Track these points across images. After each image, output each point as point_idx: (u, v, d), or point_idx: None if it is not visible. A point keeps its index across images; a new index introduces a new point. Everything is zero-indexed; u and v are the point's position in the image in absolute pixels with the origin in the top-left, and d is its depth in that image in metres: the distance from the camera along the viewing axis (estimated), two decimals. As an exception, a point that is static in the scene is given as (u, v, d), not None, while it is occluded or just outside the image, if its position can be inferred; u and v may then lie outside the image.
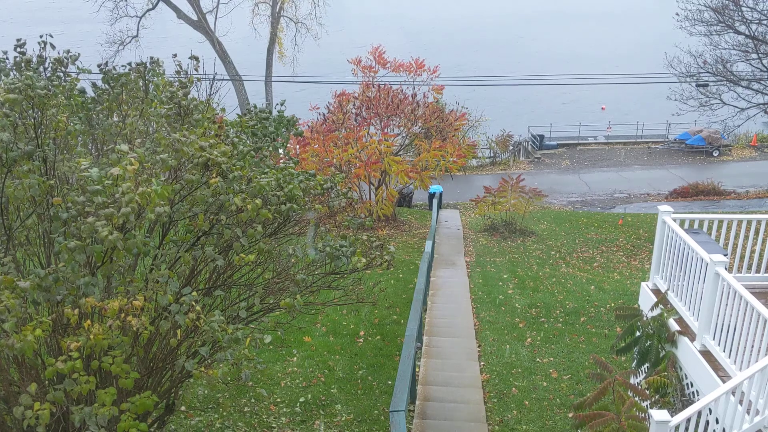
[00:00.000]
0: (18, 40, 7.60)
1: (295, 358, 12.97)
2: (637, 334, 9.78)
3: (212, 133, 7.58)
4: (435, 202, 27.50)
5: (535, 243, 23.95)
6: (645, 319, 9.81)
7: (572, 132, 47.03)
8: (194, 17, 41.10)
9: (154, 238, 7.07)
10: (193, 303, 5.89)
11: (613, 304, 16.48)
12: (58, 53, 7.77)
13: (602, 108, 55.90)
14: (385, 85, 27.12)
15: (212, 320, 5.79)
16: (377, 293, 12.99)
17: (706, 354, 8.48)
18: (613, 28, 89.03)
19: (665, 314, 9.56)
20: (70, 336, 5.51)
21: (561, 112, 51.88)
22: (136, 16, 40.24)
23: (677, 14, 28.37)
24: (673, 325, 9.33)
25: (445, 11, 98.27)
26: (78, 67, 7.90)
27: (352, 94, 27.22)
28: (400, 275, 18.84)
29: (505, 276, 19.33)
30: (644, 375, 9.64)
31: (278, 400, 11.39)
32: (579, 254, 22.87)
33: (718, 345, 8.28)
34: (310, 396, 11.55)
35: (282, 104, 10.65)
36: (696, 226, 10.69)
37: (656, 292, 10.32)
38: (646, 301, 10.42)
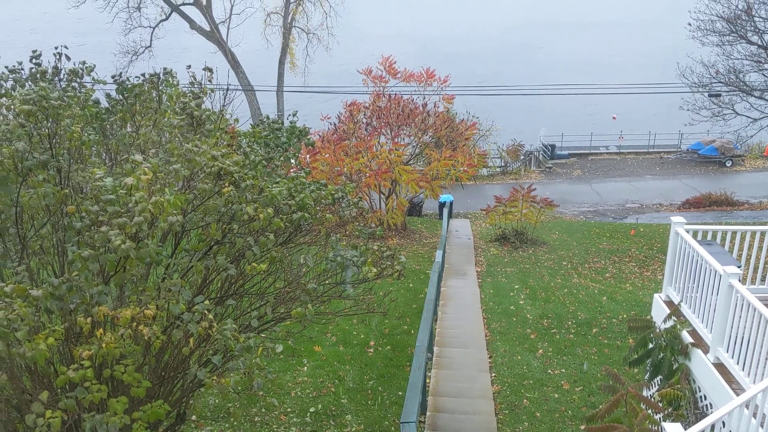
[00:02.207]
0: (33, 51, 7.68)
1: (306, 368, 12.97)
2: (650, 346, 9.71)
3: (225, 143, 7.63)
4: (445, 211, 27.46)
5: (546, 253, 23.85)
6: (658, 330, 9.74)
7: (584, 142, 46.91)
8: (207, 28, 41.44)
9: (167, 247, 7.10)
10: (206, 312, 5.91)
11: (625, 316, 16.38)
12: (74, 64, 7.85)
13: (613, 117, 55.74)
14: (395, 95, 27.20)
15: (224, 329, 5.81)
16: (388, 303, 12.98)
17: (720, 366, 8.41)
18: (624, 37, 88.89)
19: (678, 326, 9.49)
20: (82, 344, 5.54)
21: (574, 122, 51.75)
22: (150, 27, 40.62)
23: (689, 24, 28.28)
24: (687, 337, 9.26)
25: (454, 22, 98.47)
26: (93, 78, 7.98)
27: (363, 104, 27.30)
28: (411, 285, 18.81)
29: (516, 286, 19.26)
30: (657, 387, 9.56)
31: (288, 409, 11.39)
32: (591, 265, 22.76)
33: (732, 357, 8.21)
34: (320, 406, 11.54)
35: (294, 115, 10.70)
36: (709, 237, 10.62)
37: (669, 303, 10.25)
38: (658, 312, 10.36)
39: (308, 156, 24.12)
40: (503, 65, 73.14)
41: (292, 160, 11.37)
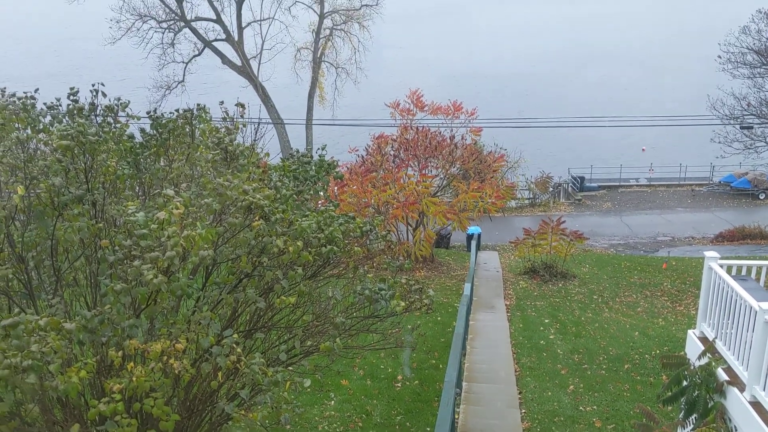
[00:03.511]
0: (71, 88, 7.90)
1: (333, 402, 12.88)
2: (684, 383, 9.48)
3: (256, 177, 7.73)
4: (473, 243, 27.33)
5: (576, 287, 23.55)
6: (692, 368, 9.51)
7: (613, 174, 46.56)
8: (238, 63, 42.30)
9: (198, 279, 7.17)
10: (234, 345, 5.93)
11: (658, 351, 16.04)
12: (110, 100, 8.06)
13: (643, 150, 55.32)
14: (423, 127, 27.33)
15: (253, 363, 5.81)
16: (416, 337, 12.89)
17: (757, 405, 8.17)
18: (653, 69, 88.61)
19: (713, 363, 9.26)
20: (113, 377, 5.58)
21: (604, 154, 51.45)
22: (183, 62, 41.57)
23: (719, 57, 28.15)
24: (722, 375, 9.03)
25: (482, 55, 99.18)
26: (128, 114, 8.17)
27: (391, 136, 27.47)
28: (439, 318, 18.68)
29: (546, 320, 19.01)
30: (692, 426, 9.30)
31: (315, 444, 11.30)
32: (622, 299, 22.40)
33: (770, 396, 7.98)
34: (347, 441, 11.43)
35: (323, 148, 10.81)
36: (743, 272, 10.42)
37: (703, 340, 10.03)
38: (693, 349, 10.13)
39: (336, 188, 24.27)
40: (531, 98, 73.27)
41: (321, 193, 11.47)
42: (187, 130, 8.06)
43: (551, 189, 43.81)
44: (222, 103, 8.68)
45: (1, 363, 4.70)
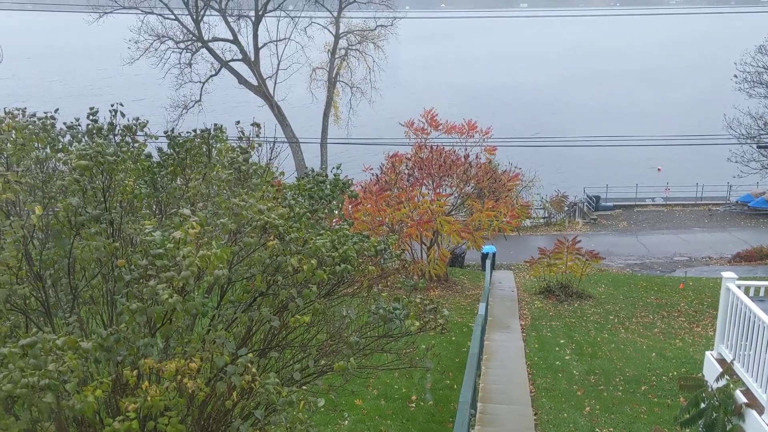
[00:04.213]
0: (91, 108, 8.02)
1: (347, 422, 12.82)
2: (702, 405, 9.36)
3: (270, 195, 7.77)
4: (488, 262, 27.19)
5: (592, 307, 23.35)
6: (710, 390, 9.39)
7: (629, 193, 46.30)
8: (255, 83, 42.71)
9: (212, 298, 7.20)
10: (249, 364, 5.93)
11: (675, 373, 15.83)
12: (128, 120, 8.16)
13: (658, 169, 55.04)
14: (437, 146, 27.36)
15: (267, 382, 5.81)
16: (430, 357, 12.80)
17: (778, 429, 8.04)
18: (668, 87, 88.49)
19: (731, 385, 9.14)
20: (128, 396, 5.60)
21: (619, 174, 51.22)
22: (200, 82, 42.03)
23: (735, 76, 28.05)
24: (740, 398, 8.90)
25: (497, 75, 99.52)
26: (146, 133, 8.27)
27: (405, 155, 27.53)
28: (453, 338, 18.57)
29: (561, 341, 18.84)
30: (711, 450, 9.16)
31: (329, 464, 11.23)
32: (638, 319, 22.16)
33: (791, 420, 7.85)
34: (361, 461, 11.35)
35: (338, 168, 10.86)
36: (762, 293, 10.30)
37: (721, 361, 9.90)
38: (710, 371, 10.00)
39: (350, 206, 24.31)
40: (545, 116, 73.29)
41: (336, 212, 11.50)
42: (204, 149, 8.14)
43: (566, 208, 43.61)
44: (238, 123, 8.76)
45: (19, 382, 4.74)
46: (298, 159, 41.99)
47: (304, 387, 8.09)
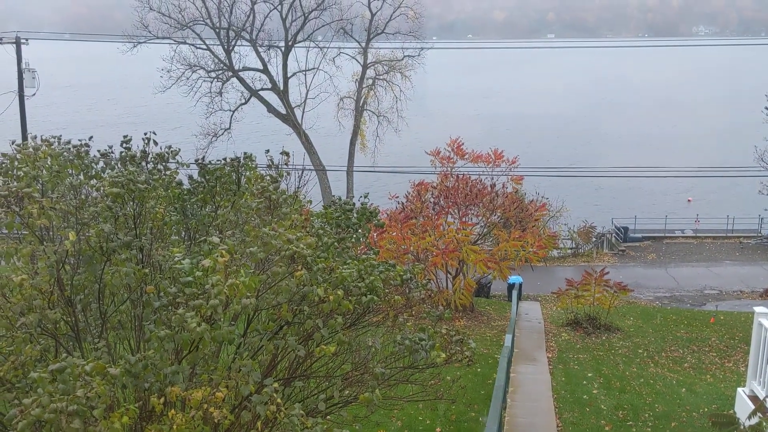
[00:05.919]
0: (125, 136, 8.18)
1: (370, 453, 12.67)
2: (736, 445, 9.08)
3: (298, 224, 7.82)
4: (514, 293, 26.92)
5: (620, 340, 22.94)
6: (742, 427, 9.12)
7: (658, 224, 45.73)
8: (283, 111, 43.31)
9: (239, 326, 7.22)
10: (273, 394, 5.91)
11: (706, 409, 15.43)
12: (161, 148, 8.30)
13: (689, 200, 54.37)
14: (463, 175, 27.34)
15: (292, 414, 5.78)
16: (456, 389, 12.66)
17: (816, 472, 7.77)
18: (698, 118, 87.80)
19: (764, 423, 8.87)
20: (154, 423, 5.61)
21: (647, 205, 50.71)
22: (230, 110, 42.73)
23: (766, 108, 27.75)
24: (776, 438, 8.63)
25: (524, 105, 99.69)
26: (178, 161, 8.40)
27: (431, 183, 27.54)
28: (479, 370, 18.35)
29: (589, 374, 18.51)
30: (746, 492, 8.87)
31: (352, 496, 11.07)
32: (668, 353, 21.71)
33: (830, 463, 7.58)
34: (384, 494, 11.19)
35: (365, 196, 10.89)
36: (798, 329, 10.04)
37: (754, 398, 9.65)
38: (742, 408, 9.75)
39: (375, 234, 24.31)
40: (574, 147, 73.04)
41: (362, 240, 11.51)
42: (234, 177, 8.24)
43: (594, 239, 43.16)
44: (267, 151, 8.87)
45: (48, 406, 4.78)
46: (324, 186, 42.31)
47: (328, 417, 8.03)
